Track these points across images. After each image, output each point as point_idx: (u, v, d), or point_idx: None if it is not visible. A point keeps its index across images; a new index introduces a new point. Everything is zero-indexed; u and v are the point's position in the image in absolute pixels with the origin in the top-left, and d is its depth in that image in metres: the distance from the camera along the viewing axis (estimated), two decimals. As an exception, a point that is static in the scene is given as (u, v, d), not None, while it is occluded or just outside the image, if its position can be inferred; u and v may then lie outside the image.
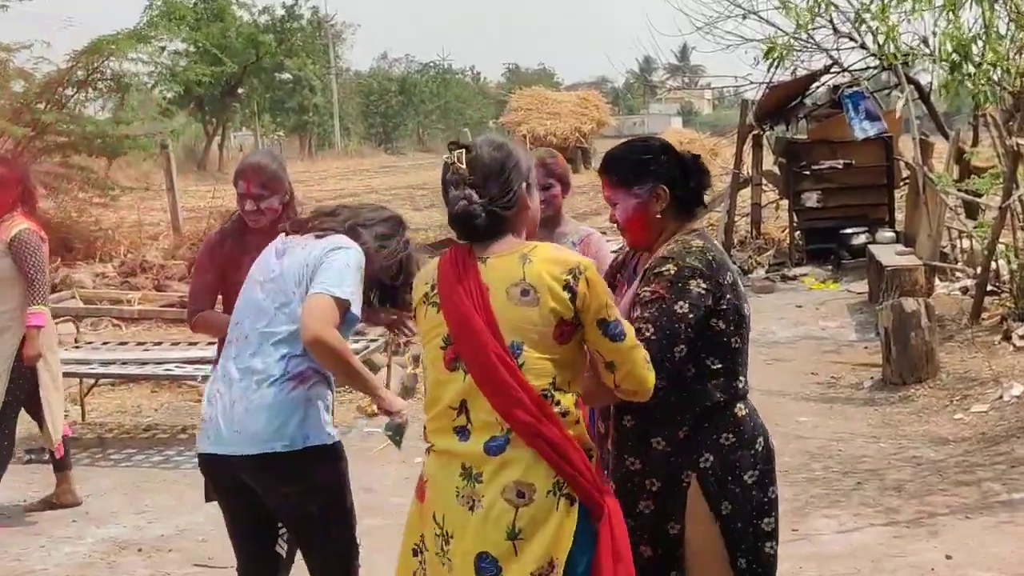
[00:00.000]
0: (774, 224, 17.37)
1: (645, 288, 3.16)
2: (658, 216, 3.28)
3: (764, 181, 16.67)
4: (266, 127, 59.52)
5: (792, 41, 13.52)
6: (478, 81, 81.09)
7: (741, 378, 3.27)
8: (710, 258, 3.18)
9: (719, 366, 3.20)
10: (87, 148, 16.14)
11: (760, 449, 3.28)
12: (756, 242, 16.47)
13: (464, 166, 2.98)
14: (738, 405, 3.25)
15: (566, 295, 2.86)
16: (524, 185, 3.06)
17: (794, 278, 14.55)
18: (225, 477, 3.84)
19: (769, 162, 16.69)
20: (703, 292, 3.12)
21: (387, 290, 4.00)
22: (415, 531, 3.04)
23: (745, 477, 3.22)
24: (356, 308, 3.63)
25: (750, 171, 16.57)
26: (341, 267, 3.62)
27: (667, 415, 3.17)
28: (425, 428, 3.05)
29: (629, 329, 2.97)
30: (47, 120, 15.36)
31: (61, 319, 10.64)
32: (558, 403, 2.89)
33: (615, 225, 3.39)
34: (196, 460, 7.60)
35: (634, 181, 3.28)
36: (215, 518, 6.32)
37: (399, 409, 3.76)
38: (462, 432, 2.92)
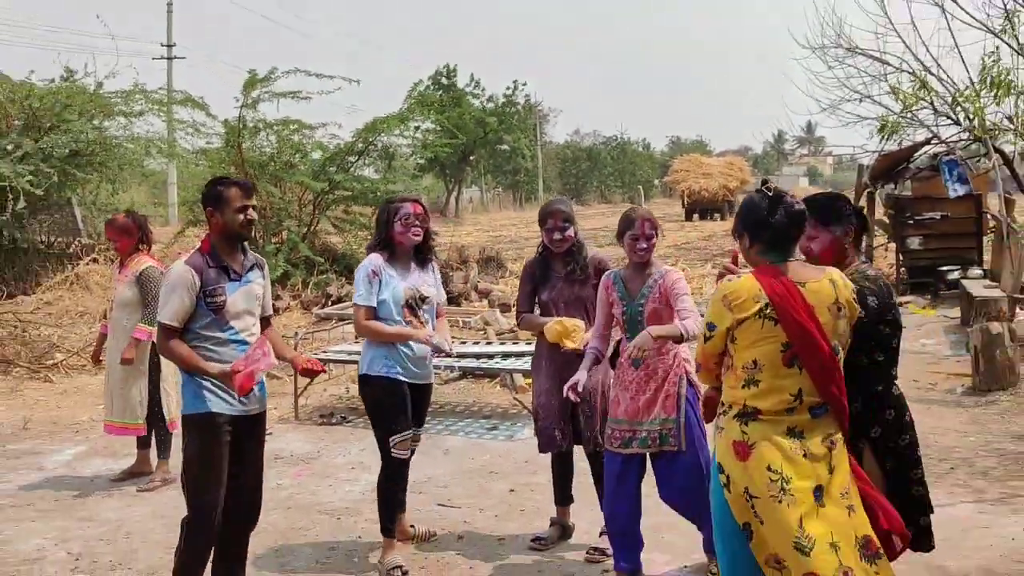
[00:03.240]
0: (884, 262, 16.58)
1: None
2: (847, 246, 3.46)
3: (876, 228, 16.00)
4: (489, 184, 60.65)
5: (900, 119, 13.00)
6: (647, 149, 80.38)
7: (895, 369, 3.43)
8: (881, 283, 3.38)
9: (882, 359, 3.36)
10: (363, 200, 16.75)
11: (908, 420, 3.44)
12: (868, 276, 15.80)
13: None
14: (895, 387, 3.42)
15: (859, 309, 3.16)
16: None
17: (900, 305, 13.87)
18: None
19: (880, 213, 15.99)
20: (876, 305, 3.29)
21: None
22: (741, 485, 3.04)
23: (900, 441, 3.39)
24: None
25: (864, 220, 15.95)
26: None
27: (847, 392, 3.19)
28: (752, 408, 3.05)
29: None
30: (336, 179, 16.00)
31: (347, 322, 11.15)
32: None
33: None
34: (439, 427, 7.83)
35: (832, 220, 3.43)
36: (454, 470, 6.56)
37: (427, 336, 4.69)
38: (791, 409, 3.05)
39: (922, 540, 3.48)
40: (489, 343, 9.35)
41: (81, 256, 15.24)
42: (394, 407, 4.72)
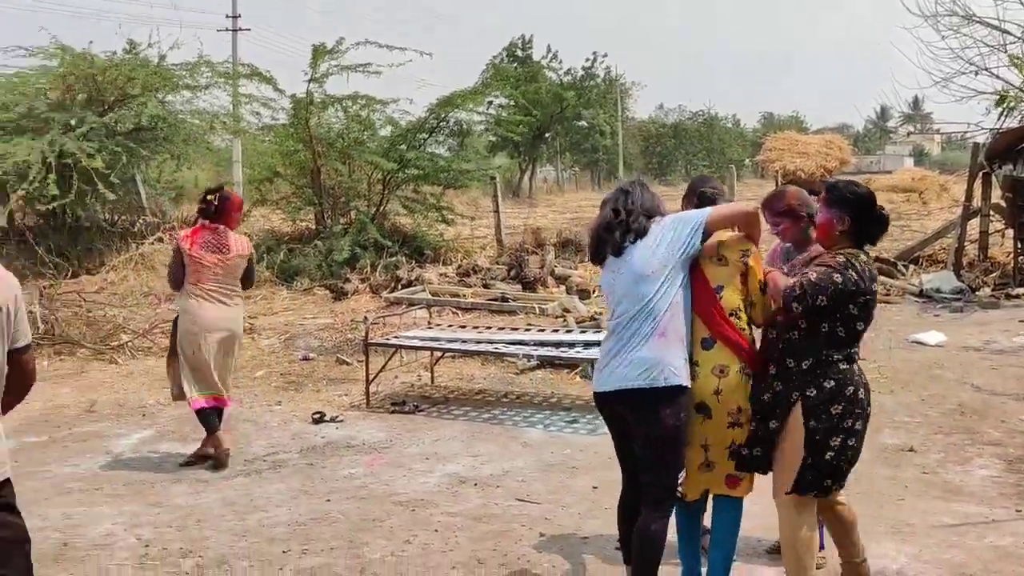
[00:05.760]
0: (1000, 250, 16.10)
1: (821, 260, 3.97)
2: (837, 232, 4.00)
3: (992, 213, 15.51)
4: (565, 163, 60.57)
5: (1021, 93, 12.56)
6: (738, 126, 79.15)
7: (854, 348, 3.94)
8: (868, 269, 3.92)
9: (843, 334, 3.89)
10: (435, 179, 16.89)
11: (849, 395, 3.88)
12: (983, 264, 15.31)
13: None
14: (844, 364, 3.90)
15: (743, 261, 4.03)
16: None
17: (1017, 296, 13.45)
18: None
19: (996, 196, 15.50)
20: (853, 280, 3.84)
21: None
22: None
23: (831, 409, 3.87)
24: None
25: (979, 204, 15.48)
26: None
27: (799, 349, 3.93)
28: None
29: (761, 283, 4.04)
30: (408, 157, 16.16)
31: (418, 306, 11.30)
32: (739, 318, 4.02)
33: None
34: (516, 418, 7.92)
35: (834, 203, 4.00)
36: (533, 464, 6.60)
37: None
38: (689, 340, 4.03)
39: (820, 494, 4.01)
40: (569, 331, 9.34)
41: (146, 235, 15.70)
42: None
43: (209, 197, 6.70)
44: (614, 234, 4.05)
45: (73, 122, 14.98)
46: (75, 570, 4.85)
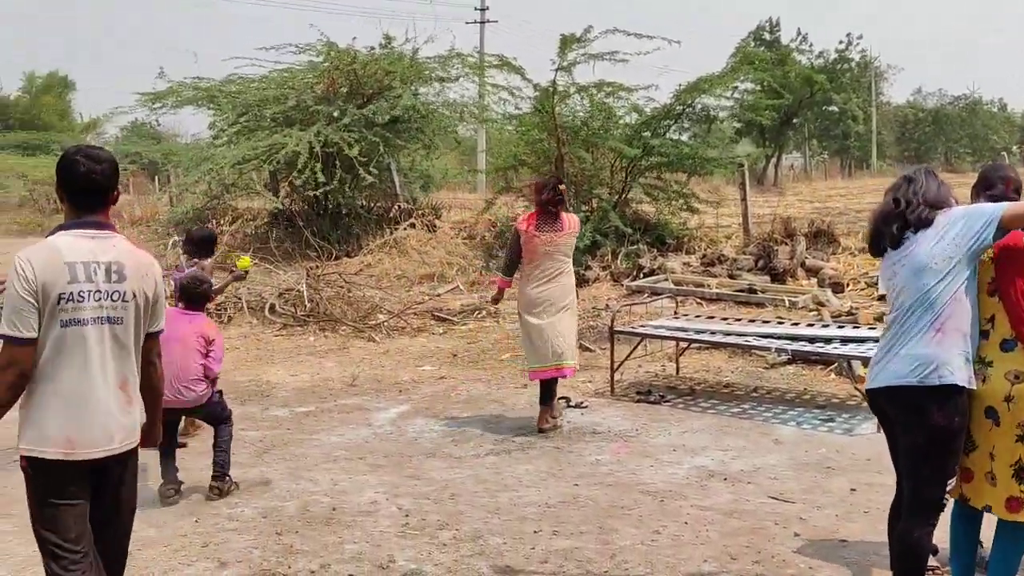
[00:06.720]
0: None
1: None
2: None
3: None
4: (814, 150, 58.24)
5: None
6: (1004, 111, 73.14)
7: None
8: None
9: None
10: (679, 166, 16.67)
11: None
12: None
13: None
14: None
15: None
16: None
17: None
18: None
19: None
20: None
21: None
22: None
23: None
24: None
25: None
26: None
27: None
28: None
29: None
30: (652, 144, 16.05)
31: (662, 296, 11.21)
32: None
33: None
34: (766, 414, 7.75)
35: None
36: (786, 462, 6.40)
37: None
38: (985, 335, 3.77)
39: None
40: (825, 326, 8.97)
41: (399, 221, 16.52)
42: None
43: (561, 187, 7.33)
44: (891, 226, 3.81)
45: (336, 114, 15.98)
46: (344, 534, 5.18)
